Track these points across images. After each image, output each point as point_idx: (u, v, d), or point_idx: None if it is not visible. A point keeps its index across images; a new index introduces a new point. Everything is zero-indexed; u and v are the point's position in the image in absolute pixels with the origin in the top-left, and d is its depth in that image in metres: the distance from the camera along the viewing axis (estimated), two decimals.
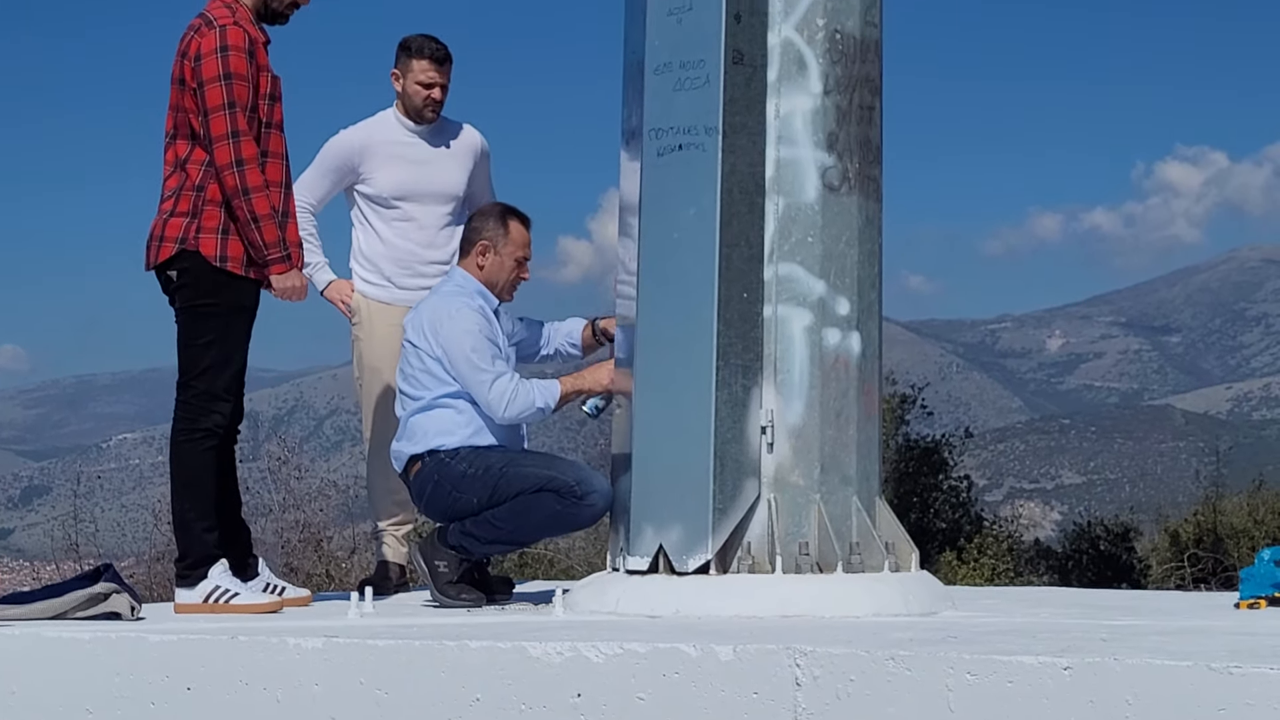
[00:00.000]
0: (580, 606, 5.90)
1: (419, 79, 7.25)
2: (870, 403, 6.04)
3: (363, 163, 7.28)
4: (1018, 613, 5.93)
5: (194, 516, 6.08)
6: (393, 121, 7.35)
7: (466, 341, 6.32)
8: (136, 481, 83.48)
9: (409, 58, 7.27)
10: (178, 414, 6.11)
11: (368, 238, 7.35)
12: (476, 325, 6.37)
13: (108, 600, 5.68)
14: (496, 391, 6.30)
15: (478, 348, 6.33)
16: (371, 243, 7.33)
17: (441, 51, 7.28)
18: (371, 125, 7.38)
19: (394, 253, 7.28)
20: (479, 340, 6.34)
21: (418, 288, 7.14)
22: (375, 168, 7.27)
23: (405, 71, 7.28)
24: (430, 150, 7.33)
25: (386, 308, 7.26)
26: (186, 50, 6.10)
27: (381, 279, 7.30)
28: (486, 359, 6.33)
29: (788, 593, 5.64)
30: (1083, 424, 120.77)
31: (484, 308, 6.47)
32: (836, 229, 5.93)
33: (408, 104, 7.31)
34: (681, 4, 5.87)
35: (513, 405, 6.31)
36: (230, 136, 6.01)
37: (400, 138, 7.31)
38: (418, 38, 7.31)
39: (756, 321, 5.82)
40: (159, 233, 6.12)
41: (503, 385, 6.30)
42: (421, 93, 7.26)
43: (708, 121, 5.78)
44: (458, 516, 6.31)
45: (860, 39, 6.01)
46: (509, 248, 6.57)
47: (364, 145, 7.29)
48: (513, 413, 6.32)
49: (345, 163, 7.30)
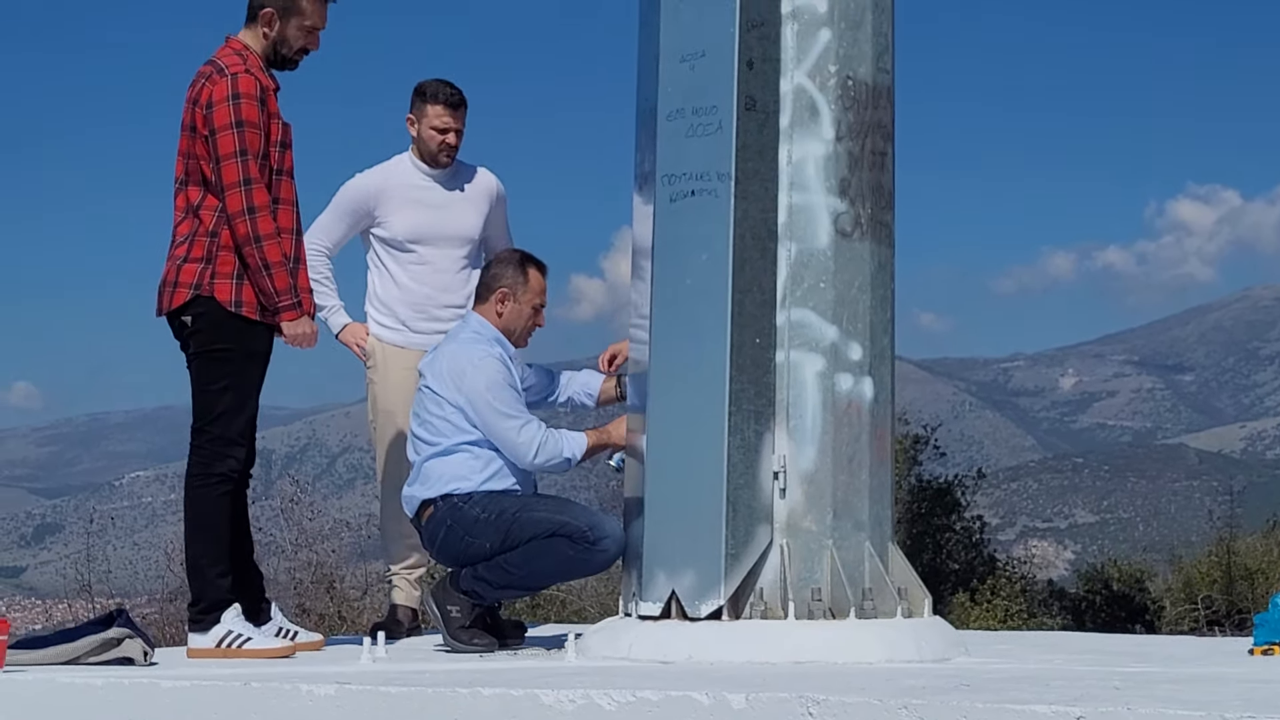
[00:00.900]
0: (593, 652, 5.89)
1: (434, 124, 7.28)
2: (883, 448, 6.05)
3: (378, 206, 7.31)
4: (1031, 659, 5.92)
5: (207, 561, 6.09)
6: (408, 165, 7.38)
7: (492, 392, 6.35)
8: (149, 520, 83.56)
9: (424, 103, 7.31)
10: (192, 459, 6.12)
11: (383, 281, 7.37)
12: (500, 375, 6.39)
13: (121, 645, 5.68)
14: (526, 436, 6.33)
15: (503, 397, 6.36)
16: (387, 286, 7.35)
17: (456, 97, 7.32)
18: (387, 169, 7.41)
19: (409, 296, 7.31)
20: (504, 390, 6.37)
21: (432, 331, 7.16)
22: (391, 211, 7.29)
23: (420, 116, 7.31)
24: (446, 194, 7.36)
25: (401, 351, 7.28)
26: (198, 97, 6.12)
27: (396, 322, 7.33)
28: (513, 406, 6.37)
29: (800, 639, 5.63)
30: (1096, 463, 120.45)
31: (503, 355, 6.48)
32: (849, 274, 5.94)
33: (423, 148, 7.34)
34: (694, 51, 5.90)
35: (542, 452, 6.34)
36: (242, 184, 6.03)
37: (416, 181, 7.34)
38: (432, 83, 7.35)
39: (769, 367, 5.83)
40: (173, 278, 6.14)
41: (532, 431, 6.33)
42: (436, 137, 7.29)
43: (720, 167, 5.80)
44: (470, 561, 6.31)
45: (872, 85, 6.03)
46: (527, 295, 6.59)
47: (380, 189, 7.32)
48: (540, 460, 6.34)
49: (361, 206, 7.33)
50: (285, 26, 6.25)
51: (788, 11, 5.95)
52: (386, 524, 7.41)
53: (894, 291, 6.17)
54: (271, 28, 6.24)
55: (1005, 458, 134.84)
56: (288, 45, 6.28)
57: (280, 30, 6.25)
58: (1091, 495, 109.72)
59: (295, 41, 6.28)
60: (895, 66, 6.18)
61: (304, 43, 6.30)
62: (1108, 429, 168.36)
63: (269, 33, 6.25)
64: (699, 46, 5.89)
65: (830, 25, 5.97)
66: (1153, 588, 22.65)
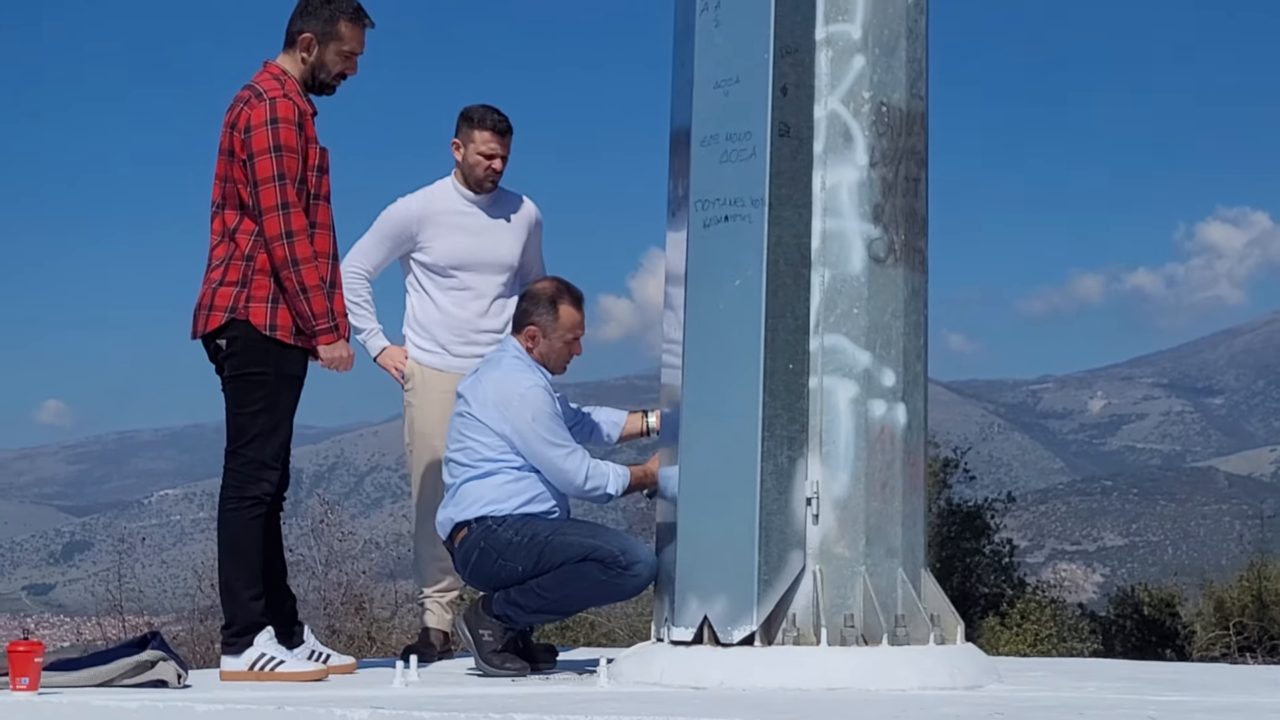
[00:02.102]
0: (625, 677, 5.89)
1: (480, 149, 7.29)
2: (915, 474, 6.04)
3: (420, 231, 7.32)
4: (1064, 686, 5.90)
5: (241, 584, 6.10)
6: (451, 190, 7.40)
7: (539, 422, 6.38)
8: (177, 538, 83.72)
9: (471, 128, 7.32)
10: (226, 481, 6.14)
11: (423, 305, 7.39)
12: (547, 404, 6.43)
13: (154, 668, 5.70)
14: (573, 464, 6.37)
15: (550, 426, 6.40)
16: (427, 310, 7.37)
17: (504, 123, 7.32)
18: (430, 194, 7.41)
19: (449, 320, 7.32)
20: (550, 419, 6.42)
21: (471, 355, 7.19)
22: (433, 236, 7.31)
23: (466, 141, 7.32)
24: (488, 220, 7.38)
25: (440, 374, 7.30)
26: (235, 122, 6.15)
27: (436, 346, 7.34)
28: (560, 435, 6.42)
29: (833, 665, 5.63)
30: (1125, 486, 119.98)
31: (547, 383, 6.51)
32: (882, 300, 5.94)
33: (468, 174, 7.35)
34: (728, 77, 5.91)
35: (589, 481, 6.39)
36: (280, 208, 6.06)
37: (459, 207, 7.35)
38: (479, 108, 7.36)
39: (802, 393, 5.83)
40: (208, 301, 6.17)
41: (579, 459, 6.39)
42: (483, 163, 7.30)
43: (754, 193, 5.81)
44: (502, 585, 6.32)
45: (906, 111, 6.03)
46: (558, 332, 6.60)
47: (422, 214, 7.33)
48: (588, 487, 6.40)
49: (403, 230, 7.33)
50: (324, 51, 6.29)
51: (822, 38, 5.95)
52: (420, 546, 7.43)
53: (927, 318, 6.16)
54: (310, 53, 6.28)
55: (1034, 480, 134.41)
56: (326, 70, 6.31)
57: (319, 55, 6.29)
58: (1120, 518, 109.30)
59: (333, 67, 6.32)
60: (930, 92, 6.18)
61: (342, 68, 6.33)
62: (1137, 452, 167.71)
63: (307, 58, 6.28)
64: (733, 72, 5.90)
65: (864, 51, 5.97)
66: (1183, 612, 22.54)
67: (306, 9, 6.30)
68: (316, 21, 6.28)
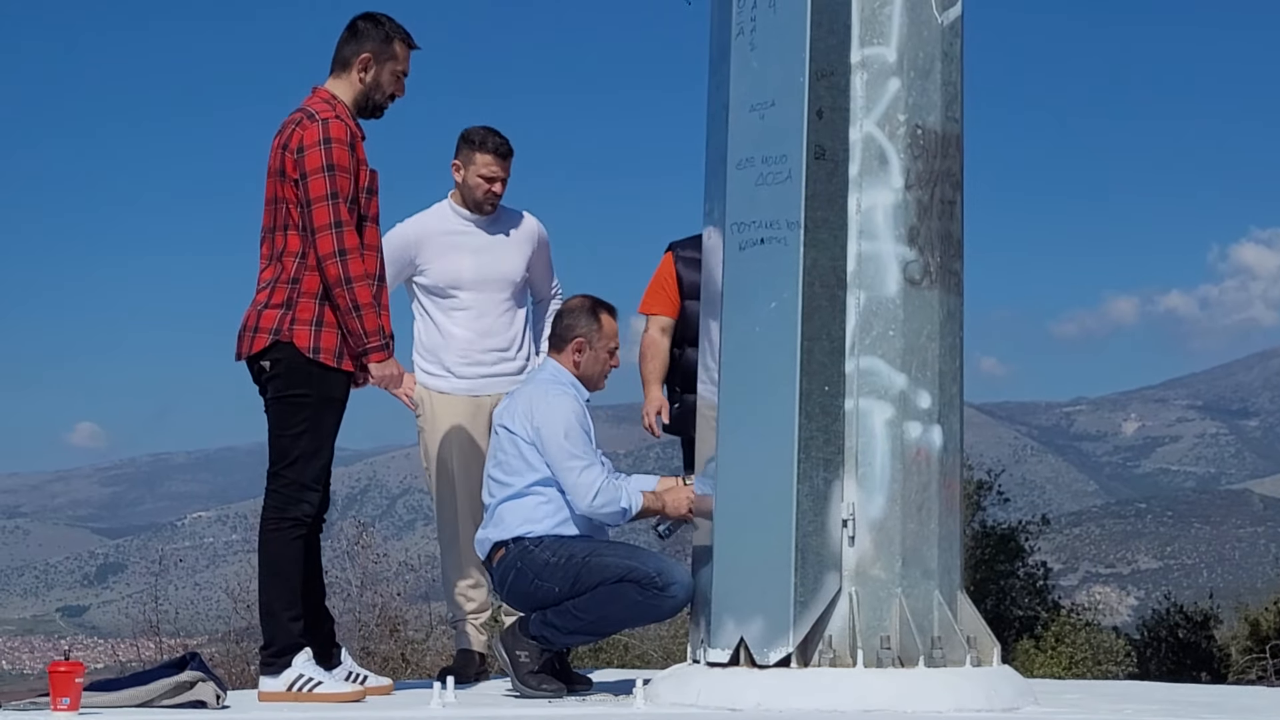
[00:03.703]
0: (661, 698, 5.90)
1: (481, 172, 7.29)
2: (951, 496, 6.04)
3: (419, 254, 7.31)
4: (1102, 710, 5.89)
5: (280, 605, 6.12)
6: (448, 212, 7.40)
7: (561, 427, 6.39)
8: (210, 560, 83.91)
9: (472, 150, 7.32)
10: (267, 502, 6.16)
11: (427, 329, 7.40)
12: (574, 414, 6.43)
13: (193, 689, 5.72)
14: (586, 479, 6.36)
15: (571, 434, 6.39)
16: (431, 334, 7.37)
17: (505, 146, 7.33)
18: (426, 217, 7.41)
19: (453, 343, 7.31)
20: (574, 428, 6.41)
21: (477, 375, 7.22)
22: (431, 258, 7.30)
23: (467, 163, 7.32)
24: (488, 238, 7.37)
25: (448, 398, 7.30)
26: (288, 143, 6.20)
27: (441, 369, 7.33)
28: (580, 446, 6.39)
29: (869, 687, 5.63)
30: (1159, 508, 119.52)
31: (579, 399, 6.52)
32: (918, 323, 5.95)
33: (467, 195, 7.35)
34: (764, 100, 5.94)
35: (599, 497, 6.36)
36: (333, 226, 6.11)
37: (455, 227, 7.35)
38: (480, 130, 7.36)
39: (838, 415, 5.84)
40: (253, 323, 6.21)
41: (593, 475, 6.36)
42: (483, 185, 7.30)
43: (789, 216, 5.83)
44: (539, 605, 6.34)
45: (941, 134, 6.05)
46: (602, 341, 6.62)
47: (418, 237, 7.33)
48: (597, 505, 6.36)
49: (402, 255, 7.27)
50: (380, 71, 6.35)
51: (857, 61, 5.98)
52: (447, 573, 7.41)
53: (963, 340, 6.17)
54: (367, 72, 6.33)
55: (1067, 503, 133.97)
56: (380, 91, 6.37)
57: (375, 75, 6.34)
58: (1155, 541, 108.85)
59: (387, 87, 6.38)
60: (964, 115, 6.20)
61: (394, 88, 6.39)
62: (1171, 474, 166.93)
63: (364, 77, 6.33)
64: (768, 96, 5.93)
65: (899, 74, 5.99)
66: (1218, 635, 22.46)
67: (358, 33, 6.36)
68: (373, 42, 6.34)
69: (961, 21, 6.17)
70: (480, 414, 7.24)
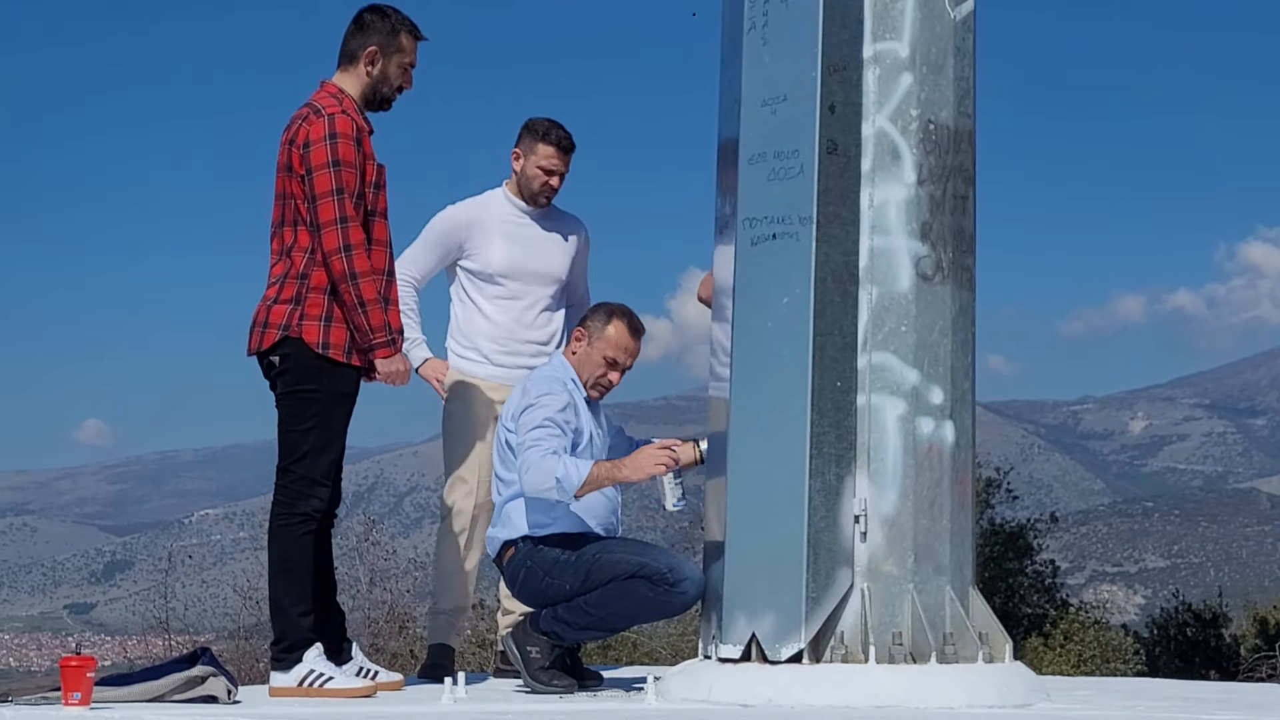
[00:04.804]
0: (673, 694, 5.89)
1: (541, 163, 7.26)
2: (963, 492, 6.03)
3: (469, 239, 7.26)
4: (1114, 706, 5.88)
5: (290, 600, 6.12)
6: (502, 200, 7.35)
7: (532, 415, 6.31)
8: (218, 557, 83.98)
9: (535, 140, 7.27)
10: (276, 498, 6.16)
11: (467, 315, 7.31)
12: (555, 406, 6.34)
13: (205, 683, 5.71)
14: (527, 457, 6.21)
15: (541, 421, 6.27)
16: (471, 319, 7.28)
17: (568, 140, 7.29)
18: (481, 202, 7.37)
19: (494, 329, 7.25)
20: (544, 420, 6.28)
21: (514, 365, 7.15)
22: (483, 244, 7.25)
23: (528, 153, 7.28)
24: (540, 231, 7.35)
25: (479, 383, 7.24)
26: (294, 138, 6.20)
27: (479, 355, 7.25)
28: (544, 433, 6.25)
29: (881, 683, 5.62)
30: (1166, 507, 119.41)
31: (573, 394, 6.48)
32: (930, 318, 5.94)
33: (524, 185, 7.31)
34: (776, 95, 5.92)
35: (530, 475, 6.20)
36: (338, 222, 6.10)
37: (510, 216, 7.31)
38: (544, 121, 7.31)
39: (850, 410, 5.83)
40: (263, 319, 6.21)
41: (534, 456, 6.20)
42: (541, 177, 7.27)
43: (802, 211, 5.82)
44: (550, 602, 6.33)
45: (954, 129, 6.04)
46: (600, 343, 6.55)
47: (471, 221, 7.28)
48: (531, 483, 6.21)
49: (452, 238, 7.26)
50: (388, 64, 6.35)
51: (869, 56, 5.96)
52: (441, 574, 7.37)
53: (974, 336, 6.16)
54: (374, 65, 6.33)
55: (1074, 501, 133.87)
56: (388, 83, 6.37)
57: (383, 68, 6.34)
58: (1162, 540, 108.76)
59: (395, 79, 6.37)
60: (977, 109, 6.18)
61: (401, 80, 6.39)
62: (1178, 473, 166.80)
63: (371, 70, 6.33)
64: (781, 90, 5.91)
65: (912, 69, 5.98)
66: (1227, 633, 22.44)
67: (364, 25, 6.35)
68: (379, 35, 6.33)
69: (974, 17, 6.16)
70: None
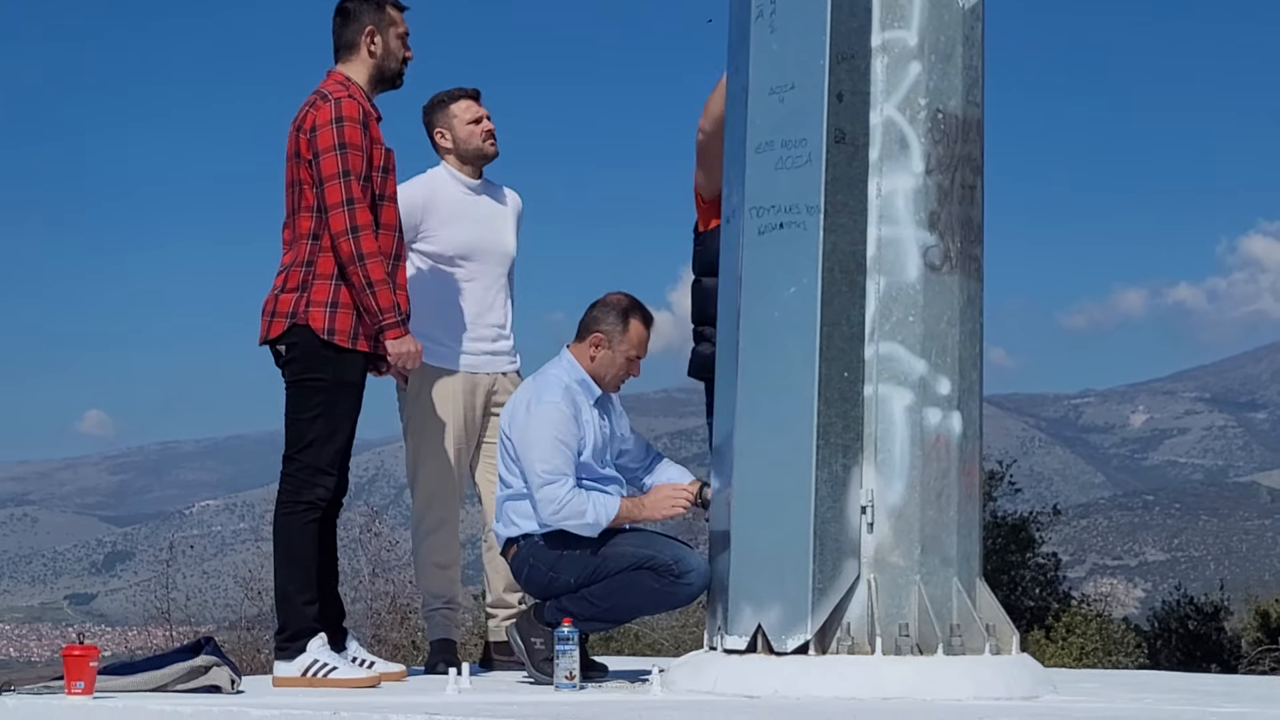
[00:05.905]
0: (678, 685, 5.87)
1: (467, 118, 7.14)
2: (971, 483, 6.00)
3: (425, 219, 7.05)
4: (1120, 698, 5.86)
5: (295, 589, 6.10)
6: (448, 179, 7.18)
7: (534, 439, 6.23)
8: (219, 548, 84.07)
9: (448, 104, 7.16)
10: (282, 486, 6.14)
11: (424, 299, 6.85)
12: (554, 425, 6.24)
13: (208, 673, 5.71)
14: (548, 494, 6.18)
15: (543, 447, 6.21)
16: (429, 304, 6.90)
17: (474, 90, 7.20)
18: (431, 180, 7.18)
19: (451, 312, 7.03)
20: (546, 441, 6.22)
21: (478, 351, 7.03)
22: (439, 224, 7.06)
23: (449, 119, 7.15)
24: (492, 207, 7.22)
25: (436, 370, 6.96)
26: (302, 124, 6.21)
27: (431, 342, 6.81)
28: (550, 458, 6.20)
29: (888, 674, 5.59)
30: (1167, 500, 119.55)
31: (576, 401, 6.35)
32: (938, 308, 5.91)
33: (464, 150, 7.15)
34: (783, 83, 5.89)
35: (562, 510, 6.17)
36: (345, 204, 6.09)
37: (461, 195, 7.15)
38: (441, 92, 7.22)
39: (857, 401, 5.80)
40: (271, 308, 6.21)
41: (556, 490, 6.17)
42: (477, 129, 7.14)
43: (809, 200, 5.78)
44: (556, 595, 6.30)
45: (962, 118, 6.00)
46: (623, 346, 6.47)
47: (426, 201, 7.07)
48: (560, 519, 6.19)
49: (408, 220, 6.84)
50: (386, 39, 6.37)
51: (878, 44, 5.93)
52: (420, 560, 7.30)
53: (982, 326, 6.13)
54: (375, 43, 6.34)
55: (1075, 494, 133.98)
56: (393, 57, 6.39)
57: (384, 44, 6.35)
58: (1162, 533, 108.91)
59: (397, 52, 6.40)
60: (985, 99, 6.15)
61: (403, 52, 6.41)
62: (1179, 466, 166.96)
63: (375, 49, 6.34)
64: (788, 79, 5.88)
65: (920, 58, 5.94)
66: (1228, 626, 22.46)
67: (350, 13, 6.38)
68: (368, 15, 6.37)
69: (983, 6, 6.13)
70: (478, 393, 7.06)
